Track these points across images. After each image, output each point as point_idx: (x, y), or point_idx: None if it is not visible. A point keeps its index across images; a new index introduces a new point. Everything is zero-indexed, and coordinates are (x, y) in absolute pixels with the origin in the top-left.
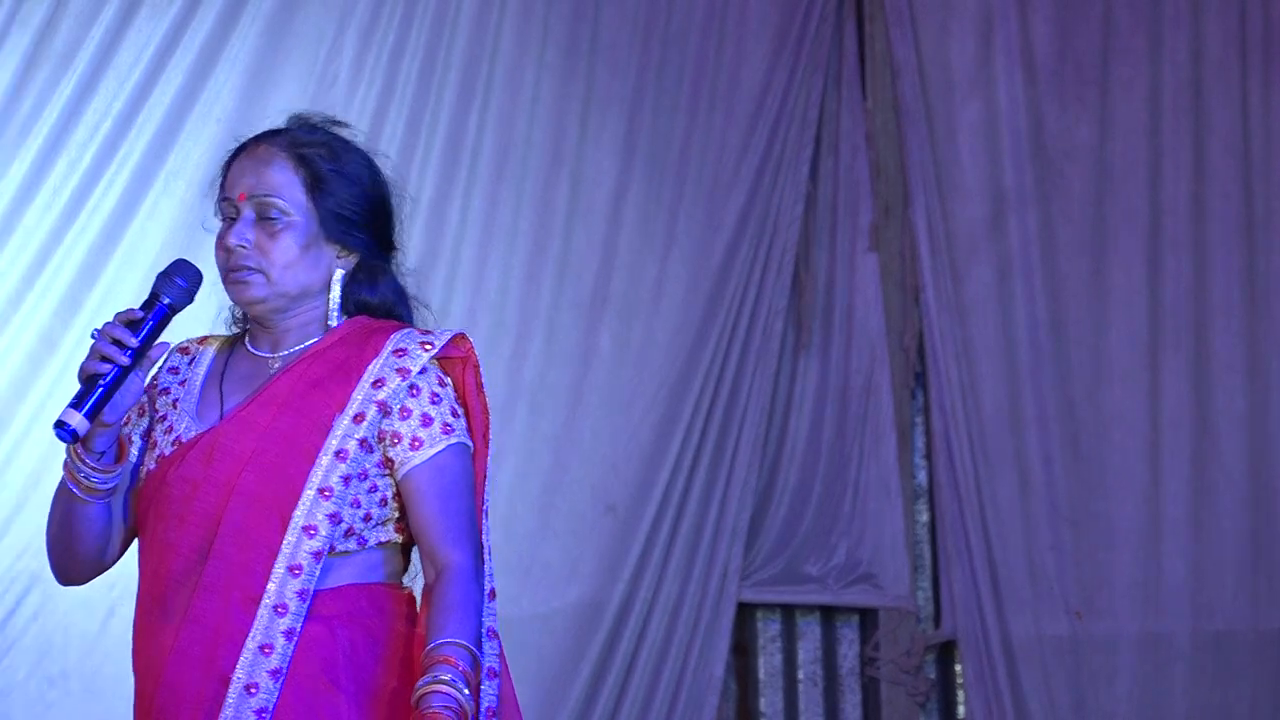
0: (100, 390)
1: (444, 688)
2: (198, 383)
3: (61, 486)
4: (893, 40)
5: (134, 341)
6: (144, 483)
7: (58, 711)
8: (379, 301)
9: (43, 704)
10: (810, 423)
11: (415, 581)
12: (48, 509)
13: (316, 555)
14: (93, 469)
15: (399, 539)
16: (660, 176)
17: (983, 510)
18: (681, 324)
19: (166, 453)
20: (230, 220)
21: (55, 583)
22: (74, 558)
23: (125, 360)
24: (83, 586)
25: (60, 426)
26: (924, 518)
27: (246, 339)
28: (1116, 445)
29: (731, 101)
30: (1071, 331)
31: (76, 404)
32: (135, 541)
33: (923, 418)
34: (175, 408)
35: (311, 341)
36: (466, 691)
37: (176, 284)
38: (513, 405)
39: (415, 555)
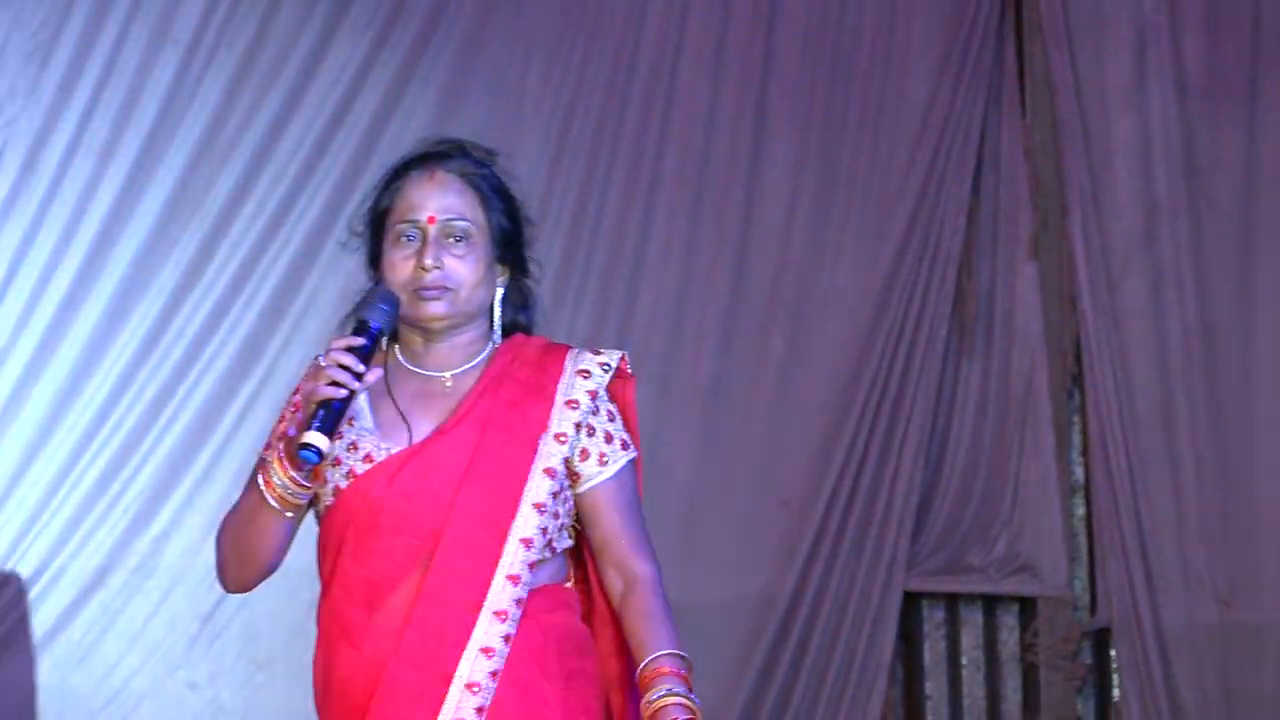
0: (336, 413)
1: (677, 699)
2: (363, 401)
3: (251, 501)
4: (1050, 60)
5: (361, 367)
6: (340, 496)
7: (264, 694)
8: (528, 320)
9: (250, 687)
10: (972, 423)
11: None
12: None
13: (531, 565)
14: (298, 486)
15: (572, 544)
16: (830, 190)
17: (1136, 505)
18: (850, 329)
19: (359, 469)
20: (413, 242)
21: None
22: (252, 566)
23: (355, 385)
24: (285, 578)
25: (306, 448)
26: (1080, 512)
27: (401, 357)
28: (1263, 443)
29: (898, 119)
30: (1220, 336)
31: (318, 427)
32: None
33: (1079, 418)
34: (351, 425)
35: (478, 359)
36: (694, 696)
37: (382, 310)
38: (691, 405)
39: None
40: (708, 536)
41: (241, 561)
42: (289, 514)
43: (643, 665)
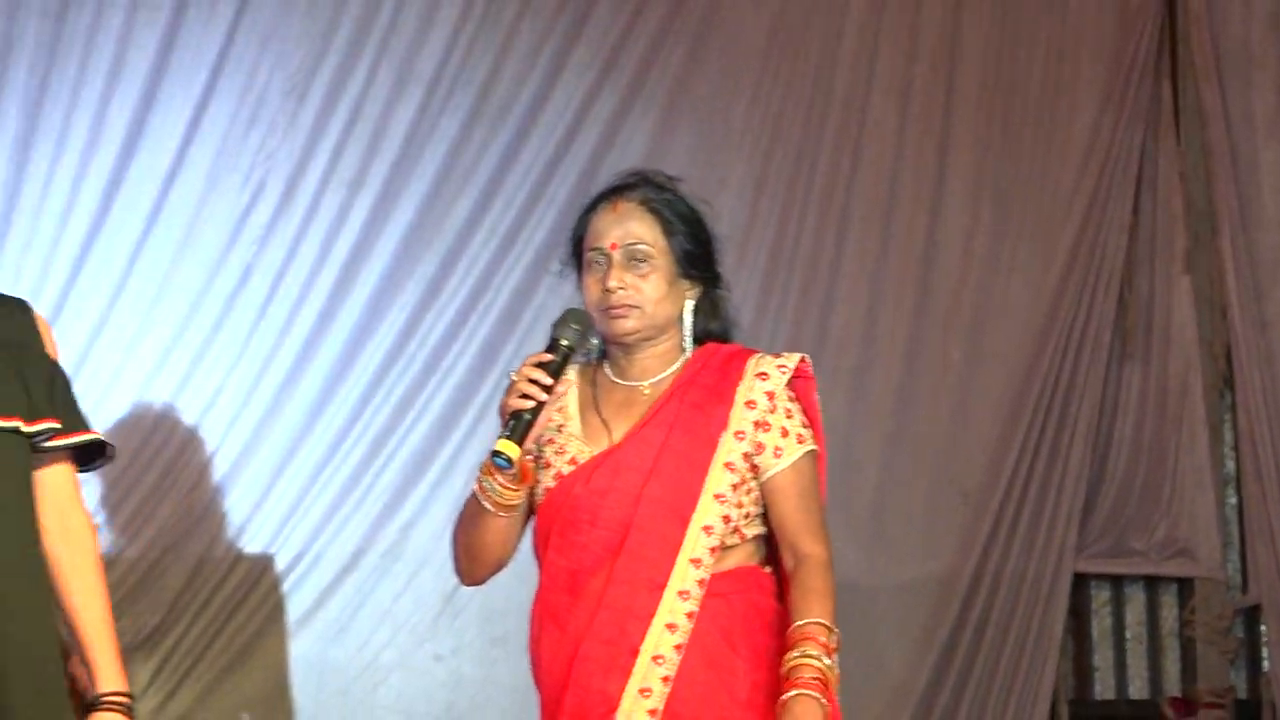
0: (525, 423)
1: (811, 660)
2: (574, 410)
3: (471, 505)
4: (1202, 93)
5: (550, 381)
6: (548, 495)
7: (500, 668)
8: (721, 328)
9: (487, 661)
10: (1134, 421)
11: None
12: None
13: (712, 550)
14: (505, 488)
15: (764, 531)
16: (1005, 213)
17: None
18: (1023, 337)
19: (565, 471)
20: (602, 267)
21: None
22: (480, 563)
23: (544, 397)
24: (518, 562)
25: (498, 455)
26: (1232, 501)
27: (608, 371)
28: None
29: (1065, 147)
30: None
31: (509, 436)
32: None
33: (1230, 416)
34: (561, 432)
35: (674, 367)
36: (828, 661)
37: (572, 329)
38: (880, 408)
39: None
40: (895, 525)
41: (469, 558)
42: (503, 515)
43: (791, 629)
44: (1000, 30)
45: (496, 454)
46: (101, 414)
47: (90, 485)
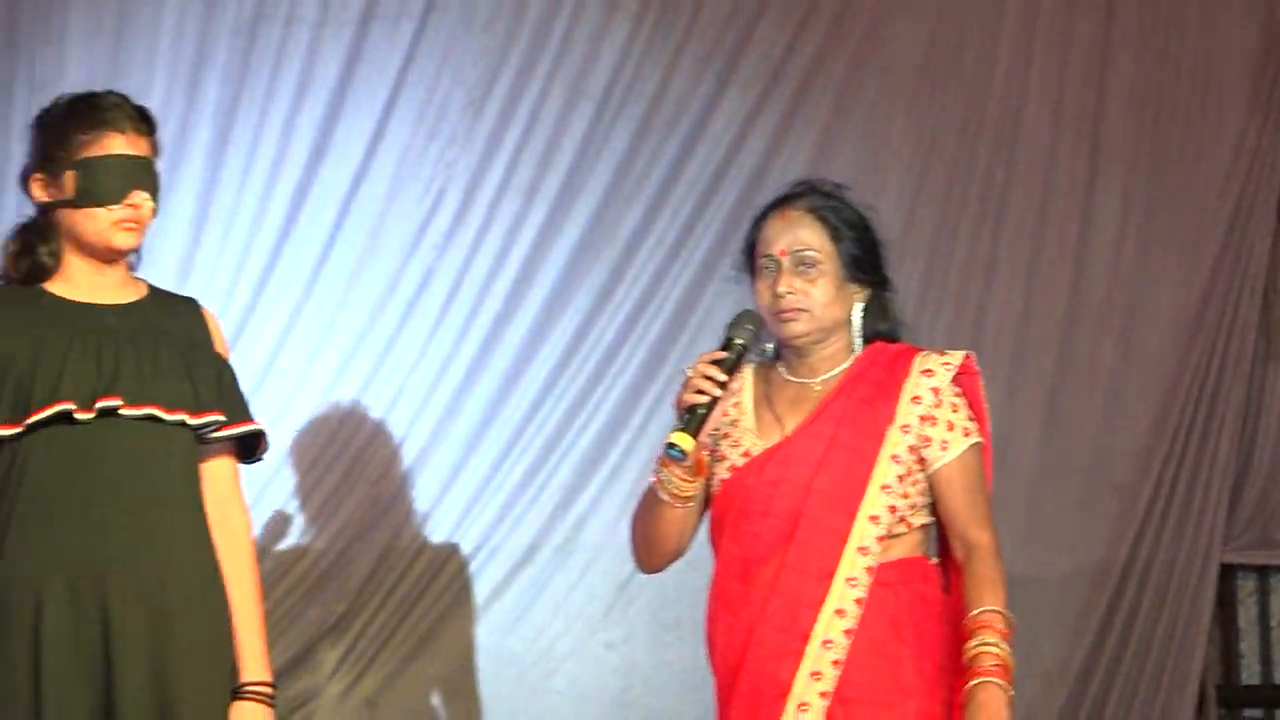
0: (699, 417)
1: (991, 648)
2: (748, 406)
3: (649, 497)
4: None
5: (723, 377)
6: (722, 487)
7: (672, 653)
8: (889, 329)
9: (659, 645)
10: (1278, 417)
11: None
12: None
13: (879, 538)
14: (682, 480)
15: (930, 521)
16: (1154, 217)
17: None
18: (1172, 337)
19: (738, 463)
20: (771, 272)
21: None
22: (658, 552)
23: (718, 393)
24: (691, 551)
25: (672, 448)
26: None
27: (782, 369)
28: None
29: (1212, 156)
30: None
31: (681, 428)
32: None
33: None
34: (736, 427)
35: (843, 366)
36: (1007, 648)
37: (746, 329)
38: (1034, 405)
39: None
40: (1049, 518)
41: (647, 547)
42: (679, 505)
43: (968, 618)
44: (1148, 43)
45: (671, 446)
46: (291, 411)
47: (281, 478)
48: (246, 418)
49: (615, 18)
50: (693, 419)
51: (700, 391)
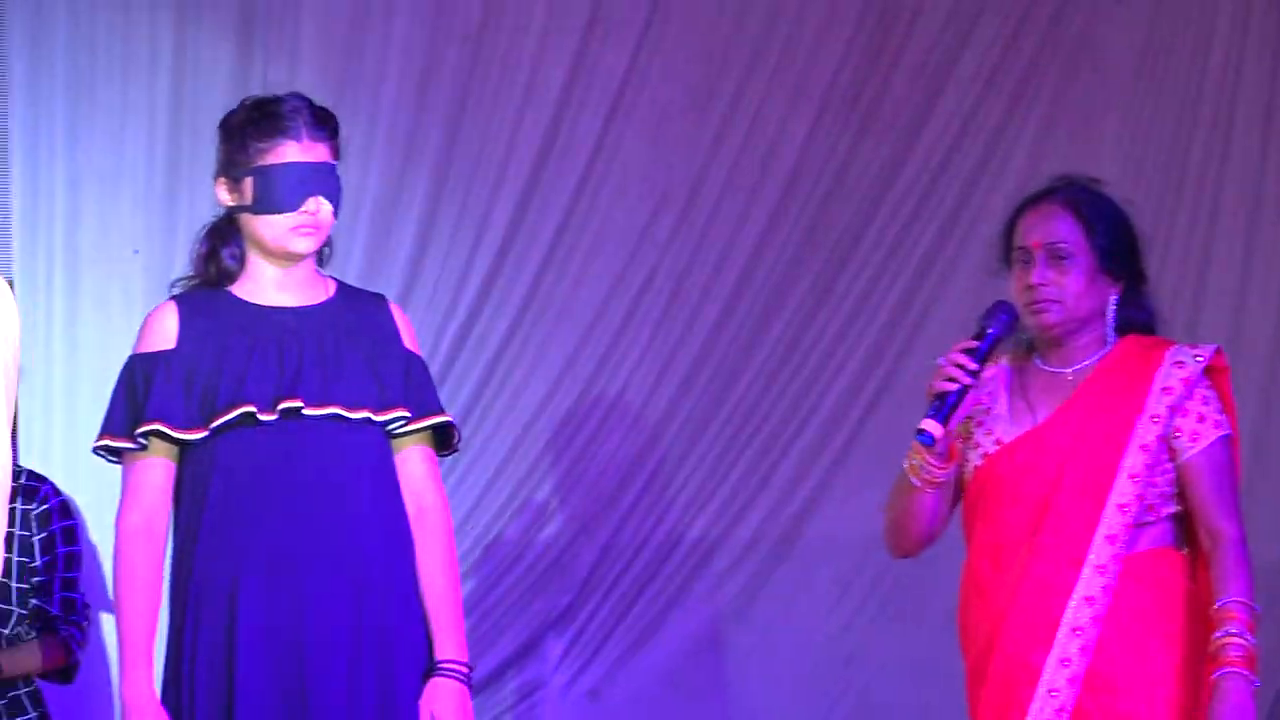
0: (950, 404)
1: (1236, 638)
2: (1002, 394)
3: (901, 482)
4: None
5: (975, 366)
6: (975, 473)
7: (893, 645)
8: (1143, 321)
9: (880, 637)
10: None
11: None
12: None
13: (1127, 526)
14: (934, 466)
15: (1179, 509)
16: None
17: None
18: None
19: (991, 450)
20: (1026, 264)
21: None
22: (909, 536)
23: (968, 381)
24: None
25: (921, 433)
26: None
27: (1036, 359)
28: None
29: None
30: None
31: (933, 415)
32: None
33: None
34: (990, 414)
35: (1096, 356)
36: (1252, 639)
37: (1000, 319)
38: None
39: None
40: None
41: (897, 531)
42: (930, 491)
43: (1212, 609)
44: None
45: (920, 432)
46: (516, 410)
47: (507, 474)
48: (433, 411)
49: (836, 21)
50: (942, 405)
51: (951, 379)
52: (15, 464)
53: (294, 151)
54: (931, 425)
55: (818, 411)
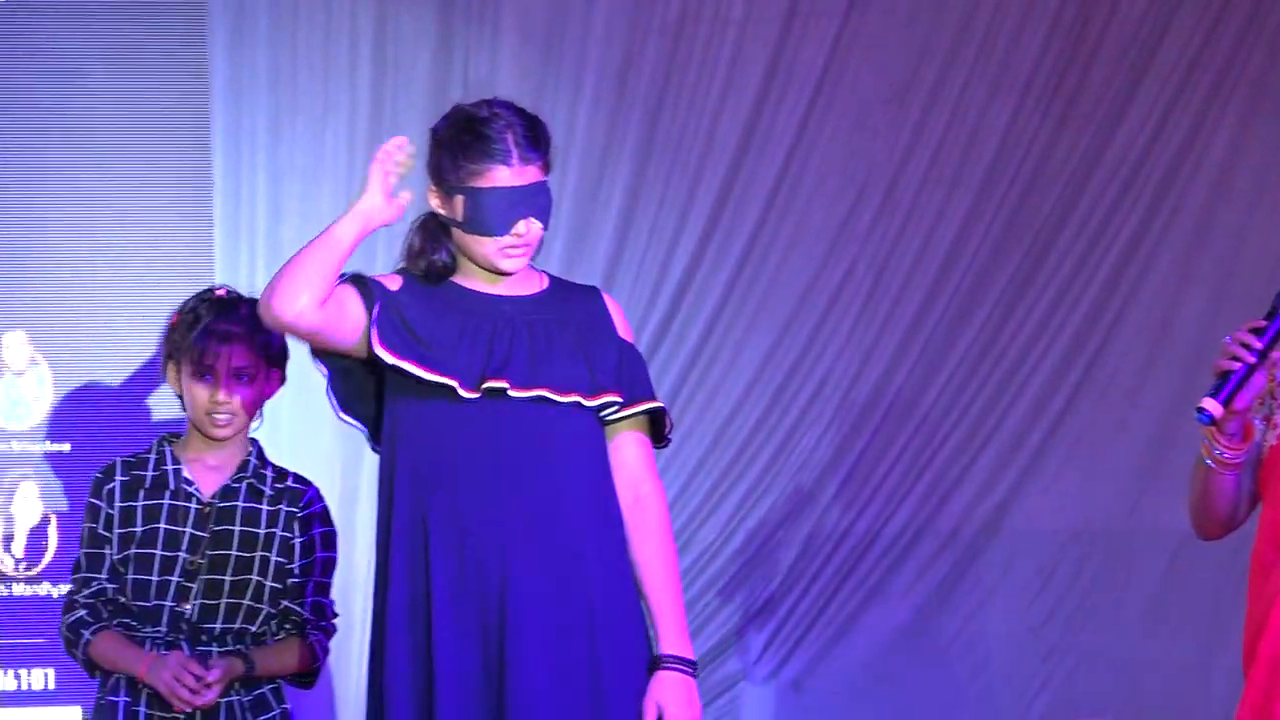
0: (1232, 383)
1: None
2: None
3: (1198, 463)
4: None
5: (1259, 344)
6: (1269, 453)
7: (1095, 637)
8: None
9: (1083, 629)
10: None
11: None
12: None
13: None
14: (1225, 446)
15: None
16: None
17: None
18: None
19: None
20: None
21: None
22: (1209, 519)
23: (1251, 359)
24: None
25: (1200, 412)
26: None
27: None
28: None
29: None
30: None
31: (1213, 394)
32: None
33: None
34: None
35: None
36: None
37: None
38: None
39: None
40: None
41: (1197, 513)
42: (1223, 472)
43: None
44: None
45: (1200, 410)
46: (716, 400)
47: (708, 468)
48: (646, 397)
49: (1036, 10)
50: (1223, 385)
51: (1234, 358)
52: (275, 466)
53: (505, 176)
54: (1210, 404)
55: (1018, 403)
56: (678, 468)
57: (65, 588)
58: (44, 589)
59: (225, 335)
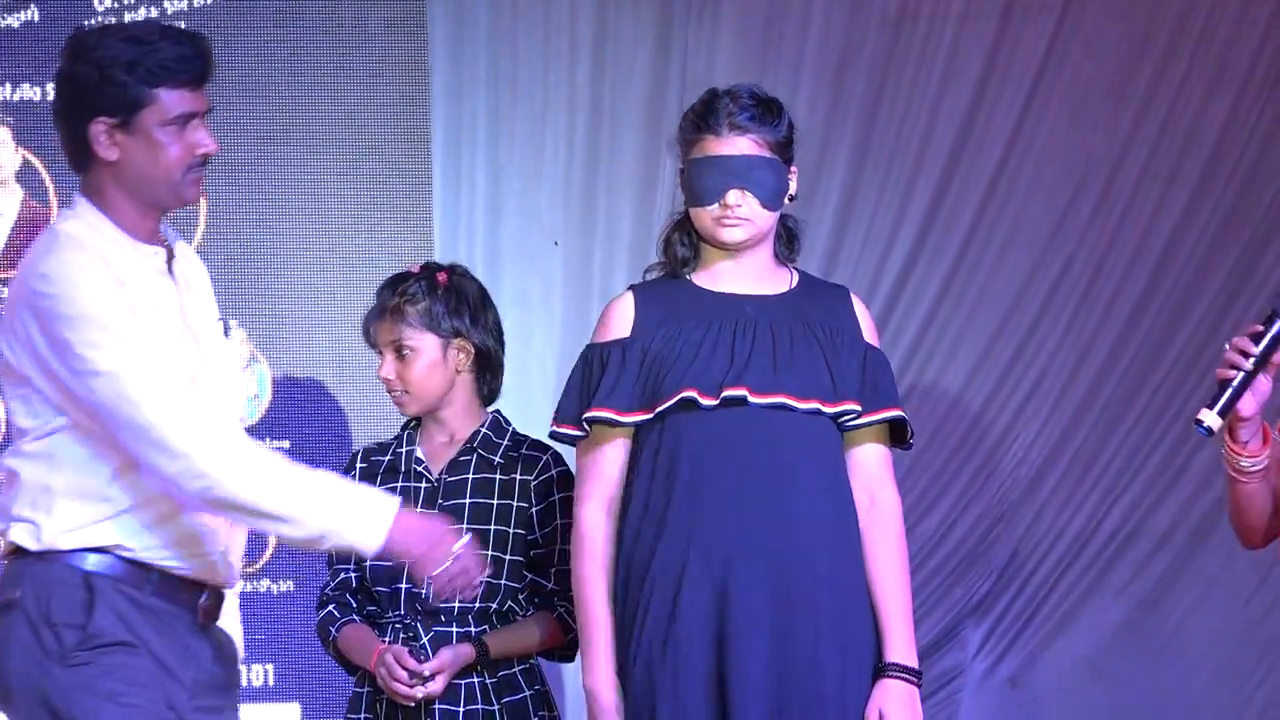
0: (1230, 392)
1: None
2: None
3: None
4: None
5: (1255, 350)
6: None
7: None
8: None
9: None
10: None
11: None
12: None
13: None
14: (1242, 454)
15: None
16: None
17: None
18: None
19: None
20: None
21: None
22: (1245, 526)
23: (1248, 367)
24: None
25: (1198, 424)
26: None
27: None
28: None
29: None
30: None
31: (1210, 404)
32: None
33: None
34: None
35: None
36: None
37: None
38: None
39: None
40: None
41: (1234, 523)
42: (1244, 480)
43: None
44: None
45: (1196, 422)
46: (933, 396)
47: (924, 463)
48: (888, 405)
49: (1254, 4)
50: (1219, 394)
51: (1233, 366)
52: (515, 434)
53: (712, 145)
54: (1208, 415)
55: None
56: (896, 462)
57: (285, 584)
58: (264, 585)
59: (378, 310)
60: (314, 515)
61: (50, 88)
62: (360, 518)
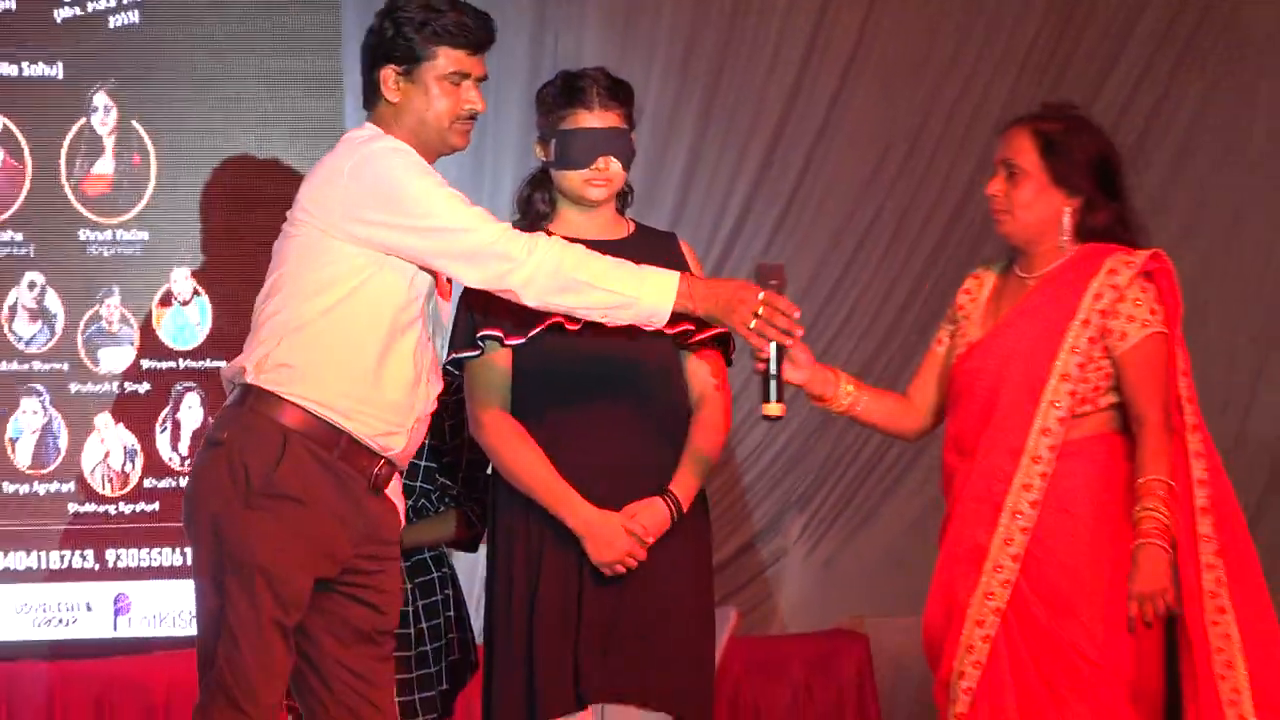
0: (773, 381)
1: (1151, 512)
2: (983, 300)
3: None
4: None
5: (768, 349)
6: (950, 372)
7: None
8: (1105, 229)
9: None
10: None
11: None
12: None
13: (1060, 420)
14: (829, 406)
15: (1117, 400)
16: None
17: None
18: None
19: (960, 352)
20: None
21: None
22: (895, 436)
23: (771, 355)
24: None
25: (766, 418)
26: None
27: (1016, 266)
28: None
29: None
30: None
31: (765, 399)
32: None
33: None
34: (969, 319)
35: (1055, 264)
36: (1167, 511)
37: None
38: None
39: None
40: None
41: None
42: (857, 415)
43: (1136, 484)
44: None
45: (765, 416)
46: None
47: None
48: (715, 324)
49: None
50: (767, 385)
51: (764, 359)
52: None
53: (587, 118)
54: (769, 407)
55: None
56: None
57: None
58: None
59: None
60: (626, 287)
61: (24, 64)
62: (652, 287)
